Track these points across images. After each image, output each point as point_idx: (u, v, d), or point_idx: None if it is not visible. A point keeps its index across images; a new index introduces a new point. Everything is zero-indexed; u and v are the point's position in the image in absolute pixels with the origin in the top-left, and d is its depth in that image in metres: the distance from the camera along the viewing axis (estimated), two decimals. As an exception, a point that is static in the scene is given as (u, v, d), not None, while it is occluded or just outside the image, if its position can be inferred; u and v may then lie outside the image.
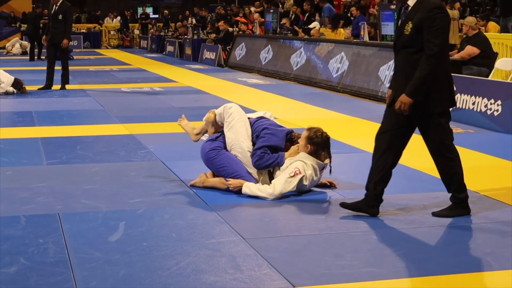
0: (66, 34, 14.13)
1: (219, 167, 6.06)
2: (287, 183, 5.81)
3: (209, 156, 6.12)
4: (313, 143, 5.91)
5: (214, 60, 21.89)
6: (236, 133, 6.10)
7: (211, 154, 6.11)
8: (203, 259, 4.39)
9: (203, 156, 6.20)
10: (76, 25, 33.57)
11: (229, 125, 6.15)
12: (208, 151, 6.13)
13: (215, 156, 6.09)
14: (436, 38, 5.05)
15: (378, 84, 12.83)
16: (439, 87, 5.18)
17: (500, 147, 8.18)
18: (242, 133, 6.11)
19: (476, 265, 4.35)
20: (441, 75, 5.17)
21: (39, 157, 7.55)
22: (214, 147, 6.13)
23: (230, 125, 6.14)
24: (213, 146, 6.14)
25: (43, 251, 4.55)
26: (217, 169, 6.09)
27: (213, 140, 6.20)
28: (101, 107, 11.77)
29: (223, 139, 6.19)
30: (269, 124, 6.20)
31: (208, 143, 6.21)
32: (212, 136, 6.26)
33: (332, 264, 4.33)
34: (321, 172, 6.02)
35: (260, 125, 6.18)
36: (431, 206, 5.60)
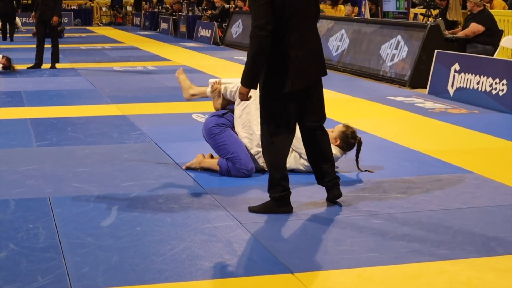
0: (56, 10, 13.94)
1: (220, 144, 5.89)
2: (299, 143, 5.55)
3: (212, 132, 5.92)
4: (344, 141, 5.95)
5: (209, 38, 21.73)
6: (250, 115, 5.92)
7: (215, 130, 5.92)
8: (199, 245, 4.31)
9: (205, 130, 5.99)
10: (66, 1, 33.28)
11: (241, 106, 5.92)
12: (212, 126, 5.94)
13: (219, 132, 5.90)
14: (255, 18, 4.82)
15: (379, 62, 12.68)
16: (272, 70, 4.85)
17: (505, 128, 8.10)
18: (256, 115, 5.91)
19: (479, 250, 4.27)
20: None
21: (28, 139, 7.44)
22: (219, 124, 5.93)
23: (243, 105, 5.91)
24: (218, 122, 5.94)
25: (33, 236, 4.47)
26: (217, 146, 5.91)
27: (219, 116, 6.00)
28: (92, 87, 11.65)
29: (230, 117, 5.98)
30: None
31: (213, 118, 6.00)
32: (219, 112, 6.05)
33: (332, 249, 4.26)
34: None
35: None
36: (434, 189, 5.52)
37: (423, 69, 11.22)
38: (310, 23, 4.95)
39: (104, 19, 35.94)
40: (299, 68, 4.85)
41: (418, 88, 11.24)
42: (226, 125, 5.95)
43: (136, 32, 28.35)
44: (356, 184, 5.70)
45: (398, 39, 12.33)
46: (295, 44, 4.83)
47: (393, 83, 12.00)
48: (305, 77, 4.89)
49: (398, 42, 12.28)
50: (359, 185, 5.65)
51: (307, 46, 4.89)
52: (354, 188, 5.57)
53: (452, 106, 9.61)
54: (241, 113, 5.94)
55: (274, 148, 4.92)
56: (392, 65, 12.27)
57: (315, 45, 4.97)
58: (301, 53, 4.85)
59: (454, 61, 10.25)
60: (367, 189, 5.53)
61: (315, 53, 4.97)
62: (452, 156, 6.64)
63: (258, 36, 4.79)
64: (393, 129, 8.02)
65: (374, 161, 6.37)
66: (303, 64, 4.86)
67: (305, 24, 4.90)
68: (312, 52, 4.94)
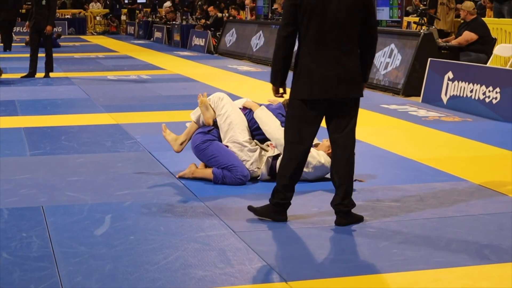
0: (50, 20, 13.94)
1: (211, 157, 5.92)
2: None
3: (200, 148, 5.99)
4: None
5: (203, 47, 21.74)
6: (232, 125, 5.97)
7: (202, 146, 5.98)
8: (192, 253, 4.30)
9: (193, 148, 6.07)
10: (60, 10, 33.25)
11: (223, 117, 6.00)
12: (198, 143, 6.00)
13: (207, 147, 5.95)
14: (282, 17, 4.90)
15: (373, 71, 12.67)
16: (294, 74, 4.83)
17: (499, 136, 8.11)
18: (239, 125, 5.98)
19: (473, 258, 4.26)
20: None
21: (22, 148, 7.42)
22: (205, 140, 5.98)
23: (225, 116, 5.99)
24: (204, 139, 5.99)
25: (27, 245, 4.45)
26: (209, 159, 5.94)
27: (205, 133, 6.04)
28: (86, 95, 11.63)
29: (215, 133, 6.03)
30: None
31: (199, 135, 6.05)
32: (204, 129, 6.09)
33: (326, 258, 4.25)
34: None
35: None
36: (427, 197, 5.51)
37: (417, 77, 11.24)
38: (341, 33, 4.71)
39: (98, 28, 35.95)
40: (316, 79, 4.73)
41: (411, 96, 11.26)
42: (211, 140, 5.98)
43: (130, 41, 28.35)
44: (350, 192, 5.69)
45: (391, 48, 12.36)
46: (313, 53, 4.74)
47: (387, 91, 12.02)
48: (322, 89, 4.73)
49: (392, 51, 12.30)
50: (353, 193, 5.62)
51: (329, 57, 4.72)
52: (348, 196, 5.55)
53: (445, 114, 9.63)
54: (223, 125, 6.00)
55: (285, 155, 4.89)
56: (386, 74, 12.29)
57: (343, 58, 4.73)
58: (318, 64, 4.73)
59: (448, 69, 10.28)
60: (361, 197, 5.52)
61: (339, 67, 4.74)
62: (446, 164, 6.64)
63: (278, 35, 4.83)
64: (387, 137, 8.03)
65: (368, 169, 6.37)
66: (320, 75, 4.72)
67: (333, 33, 4.70)
68: (335, 65, 4.73)
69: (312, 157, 5.87)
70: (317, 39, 4.70)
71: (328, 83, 4.72)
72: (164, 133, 6.33)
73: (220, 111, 6.02)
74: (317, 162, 5.92)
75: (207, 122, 6.07)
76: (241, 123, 6.02)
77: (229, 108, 6.03)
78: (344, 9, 4.66)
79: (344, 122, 4.85)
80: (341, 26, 4.68)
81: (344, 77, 4.74)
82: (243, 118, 6.06)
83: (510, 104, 8.95)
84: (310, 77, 4.73)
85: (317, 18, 4.67)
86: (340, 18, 4.67)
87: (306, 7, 4.66)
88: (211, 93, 6.32)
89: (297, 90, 4.79)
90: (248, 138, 5.99)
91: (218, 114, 6.03)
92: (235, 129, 5.97)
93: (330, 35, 4.68)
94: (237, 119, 6.02)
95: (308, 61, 4.74)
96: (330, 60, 4.71)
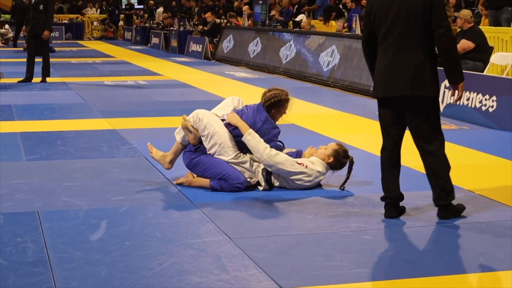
0: (47, 25, 13.94)
1: (204, 170, 5.93)
2: (289, 163, 5.83)
3: (192, 164, 6.02)
4: (337, 159, 6.06)
5: (200, 53, 21.75)
6: (216, 145, 5.91)
7: (193, 162, 6.00)
8: (188, 259, 4.29)
9: (186, 165, 6.10)
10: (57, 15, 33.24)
11: (207, 138, 5.94)
12: (188, 162, 6.04)
13: (197, 162, 5.97)
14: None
15: (370, 78, 12.66)
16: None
17: (495, 144, 8.12)
18: (223, 143, 5.90)
19: (469, 266, 4.27)
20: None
21: (18, 153, 7.41)
22: (195, 156, 6.01)
23: (209, 137, 5.93)
24: (192, 156, 6.02)
25: (22, 250, 4.44)
26: (203, 173, 5.96)
27: (192, 152, 6.05)
28: (83, 101, 11.62)
29: (203, 150, 6.01)
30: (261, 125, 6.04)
31: (187, 154, 6.07)
32: (191, 148, 6.08)
33: (321, 265, 4.24)
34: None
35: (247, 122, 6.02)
36: (423, 205, 5.52)
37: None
38: (401, 36, 5.00)
39: (95, 33, 35.94)
40: (379, 78, 5.12)
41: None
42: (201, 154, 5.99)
43: (127, 47, 28.35)
44: (345, 199, 5.69)
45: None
46: (380, 55, 5.13)
47: (384, 99, 12.00)
48: (382, 88, 5.11)
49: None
50: (349, 201, 5.65)
51: (389, 59, 5.06)
52: (343, 204, 5.57)
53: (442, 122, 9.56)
54: (209, 145, 5.93)
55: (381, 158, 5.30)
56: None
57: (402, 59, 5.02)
58: (381, 65, 5.10)
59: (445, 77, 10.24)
60: (357, 205, 5.52)
61: (398, 67, 5.03)
62: (442, 172, 6.63)
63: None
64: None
65: (364, 177, 6.37)
66: (381, 75, 5.10)
67: (393, 36, 5.04)
68: (394, 66, 5.04)
69: (310, 170, 5.90)
70: (381, 42, 5.09)
71: (388, 82, 5.05)
72: (151, 153, 6.31)
73: (202, 132, 5.94)
74: (316, 173, 5.93)
75: (192, 143, 6.05)
76: (226, 141, 5.92)
77: (211, 128, 5.92)
78: (406, 14, 4.97)
79: (417, 123, 5.10)
80: (406, 29, 4.98)
81: (403, 76, 5.00)
82: (227, 135, 5.95)
83: (506, 112, 8.96)
84: (377, 77, 5.13)
85: (381, 23, 5.07)
86: (405, 22, 4.98)
87: (375, 14, 5.10)
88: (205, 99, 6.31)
89: (373, 89, 5.23)
90: (235, 155, 5.93)
91: (202, 135, 5.97)
92: (220, 148, 5.91)
93: (390, 38, 5.03)
94: (221, 138, 5.91)
95: (380, 62, 5.12)
96: (390, 61, 5.05)
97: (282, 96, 6.13)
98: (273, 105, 6.09)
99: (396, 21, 4.99)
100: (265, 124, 6.00)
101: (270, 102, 6.08)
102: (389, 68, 5.03)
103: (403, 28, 4.98)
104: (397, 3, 4.99)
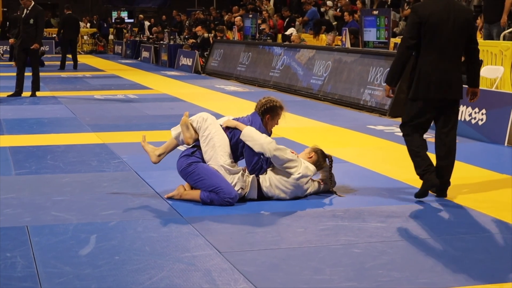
0: (38, 38, 13.93)
1: (198, 180, 5.90)
2: (286, 150, 5.99)
3: (186, 171, 5.98)
4: (317, 153, 6.30)
5: (191, 67, 21.77)
6: (214, 148, 5.95)
7: (188, 169, 5.96)
8: (177, 274, 4.28)
9: (179, 172, 6.06)
10: (48, 29, 33.19)
11: (206, 140, 5.98)
12: (184, 167, 5.99)
13: (192, 170, 5.93)
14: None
15: (360, 91, 12.75)
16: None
17: (485, 157, 8.15)
18: (221, 147, 5.95)
19: (458, 279, 4.26)
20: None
21: (7, 167, 7.38)
22: (190, 162, 5.97)
23: (208, 139, 5.97)
24: (189, 161, 5.98)
25: (11, 265, 4.41)
26: (195, 182, 5.93)
27: (189, 156, 6.03)
28: (73, 115, 11.60)
29: (199, 154, 6.01)
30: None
31: (183, 159, 6.04)
32: (188, 152, 6.07)
33: (311, 279, 4.23)
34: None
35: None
36: (413, 218, 5.53)
37: (404, 98, 11.23)
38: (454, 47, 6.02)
39: (86, 47, 35.91)
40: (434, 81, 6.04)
41: (398, 117, 11.28)
42: (197, 162, 5.97)
43: (117, 61, 28.34)
44: (335, 212, 5.69)
45: (378, 69, 12.41)
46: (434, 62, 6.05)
47: (374, 112, 12.06)
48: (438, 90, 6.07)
49: (378, 72, 12.36)
50: (339, 214, 5.65)
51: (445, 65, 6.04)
52: (333, 217, 5.56)
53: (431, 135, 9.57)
54: (205, 147, 5.97)
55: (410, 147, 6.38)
56: (373, 94, 12.33)
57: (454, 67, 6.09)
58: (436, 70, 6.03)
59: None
60: (347, 218, 5.52)
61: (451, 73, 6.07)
62: (432, 185, 6.64)
63: (401, 45, 6.17)
64: (373, 158, 8.05)
65: (354, 190, 6.38)
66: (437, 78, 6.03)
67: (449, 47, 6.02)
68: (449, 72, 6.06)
69: (299, 161, 6.05)
70: (437, 50, 5.95)
71: (443, 86, 6.00)
72: (142, 142, 6.32)
73: (203, 133, 6.00)
74: (303, 165, 6.05)
75: (186, 141, 6.07)
76: (223, 146, 5.98)
77: (213, 130, 6.00)
78: (457, 28, 5.97)
79: (449, 120, 6.18)
80: (454, 41, 5.98)
81: (453, 81, 6.04)
82: (226, 141, 6.01)
83: (496, 125, 9.00)
84: (429, 80, 5.98)
85: (437, 34, 5.93)
86: (454, 35, 5.96)
87: (430, 25, 5.91)
88: (196, 112, 6.32)
89: (417, 90, 6.05)
90: (230, 161, 5.97)
91: (201, 136, 6.01)
92: (217, 151, 5.94)
93: (447, 47, 5.96)
94: (219, 141, 5.97)
95: (429, 68, 5.96)
96: (446, 67, 5.99)
97: (277, 103, 6.20)
98: (268, 111, 6.16)
99: (452, 35, 5.94)
100: (260, 129, 6.07)
101: (265, 108, 6.16)
102: (445, 74, 6.00)
103: (455, 41, 5.97)
104: (451, 18, 5.94)
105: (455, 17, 5.94)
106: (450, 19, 5.93)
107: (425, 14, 5.95)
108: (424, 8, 5.99)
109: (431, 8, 5.96)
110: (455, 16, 5.95)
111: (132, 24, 36.05)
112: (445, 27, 5.92)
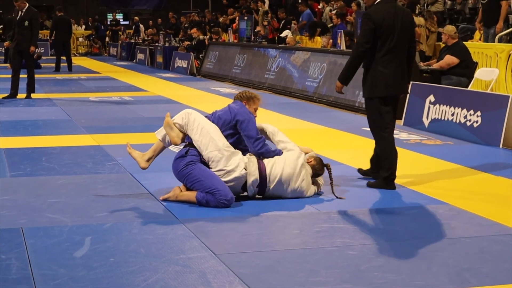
0: (33, 40, 13.91)
1: (195, 181, 5.90)
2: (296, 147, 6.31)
3: (183, 173, 5.97)
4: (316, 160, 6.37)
5: (186, 69, 21.76)
6: (208, 134, 5.96)
7: (184, 171, 5.96)
8: (173, 276, 4.27)
9: (176, 174, 6.06)
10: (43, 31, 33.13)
11: (198, 130, 5.99)
12: (181, 169, 5.98)
13: (189, 171, 5.93)
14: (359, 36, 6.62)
15: (355, 94, 12.74)
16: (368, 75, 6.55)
17: (480, 159, 8.15)
18: (215, 133, 5.99)
19: (453, 281, 4.26)
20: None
21: (2, 169, 7.36)
22: (186, 164, 5.96)
23: (199, 128, 5.99)
24: (185, 162, 5.97)
25: (5, 267, 4.40)
26: (192, 184, 5.93)
27: (184, 157, 6.02)
28: (68, 117, 11.58)
29: (193, 152, 6.00)
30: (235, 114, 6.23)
31: (178, 161, 6.03)
32: (182, 153, 6.07)
33: (306, 281, 4.23)
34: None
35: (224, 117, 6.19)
36: (408, 220, 5.53)
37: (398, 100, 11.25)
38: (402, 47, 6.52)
39: (81, 49, 35.86)
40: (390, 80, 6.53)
41: (393, 120, 11.27)
42: (193, 161, 5.95)
43: (112, 63, 28.30)
44: (331, 215, 5.69)
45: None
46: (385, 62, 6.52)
47: (369, 114, 12.04)
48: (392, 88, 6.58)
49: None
50: (334, 216, 5.65)
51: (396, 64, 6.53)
52: (329, 219, 5.56)
53: (427, 137, 9.67)
54: (200, 137, 5.98)
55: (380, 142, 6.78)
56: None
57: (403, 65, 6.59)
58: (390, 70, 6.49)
59: (429, 93, 10.34)
60: (342, 221, 5.52)
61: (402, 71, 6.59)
62: (427, 187, 6.66)
63: (357, 49, 6.57)
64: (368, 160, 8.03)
65: (349, 192, 6.38)
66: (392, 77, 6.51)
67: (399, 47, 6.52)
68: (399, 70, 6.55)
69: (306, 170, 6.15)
70: (390, 51, 6.40)
71: (395, 83, 6.50)
72: (129, 149, 6.31)
73: (192, 125, 6.02)
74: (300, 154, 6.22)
75: (173, 142, 6.08)
76: (216, 131, 6.04)
77: (201, 121, 6.06)
78: (404, 30, 6.47)
79: (394, 115, 6.68)
80: (403, 42, 6.48)
81: (403, 79, 6.58)
82: (216, 128, 6.09)
83: (491, 127, 9.01)
84: (385, 79, 6.44)
85: (389, 37, 6.39)
86: (402, 36, 6.45)
87: (384, 30, 6.37)
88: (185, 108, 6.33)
89: (375, 89, 6.49)
90: (227, 145, 6.02)
91: (192, 129, 6.01)
92: (213, 136, 5.96)
93: (397, 48, 6.43)
94: (211, 128, 6.02)
95: (382, 68, 6.42)
96: (397, 66, 6.47)
97: (253, 94, 6.46)
98: (243, 98, 6.39)
99: (400, 36, 6.41)
100: (243, 108, 6.22)
101: (241, 95, 6.44)
102: (398, 72, 6.47)
103: (403, 41, 6.46)
104: (399, 22, 6.43)
105: (402, 20, 6.45)
106: (398, 22, 6.42)
107: (379, 20, 6.38)
108: (377, 14, 6.42)
109: (383, 14, 6.41)
110: (402, 20, 6.45)
111: (124, 26, 36.03)
112: (396, 30, 6.40)
